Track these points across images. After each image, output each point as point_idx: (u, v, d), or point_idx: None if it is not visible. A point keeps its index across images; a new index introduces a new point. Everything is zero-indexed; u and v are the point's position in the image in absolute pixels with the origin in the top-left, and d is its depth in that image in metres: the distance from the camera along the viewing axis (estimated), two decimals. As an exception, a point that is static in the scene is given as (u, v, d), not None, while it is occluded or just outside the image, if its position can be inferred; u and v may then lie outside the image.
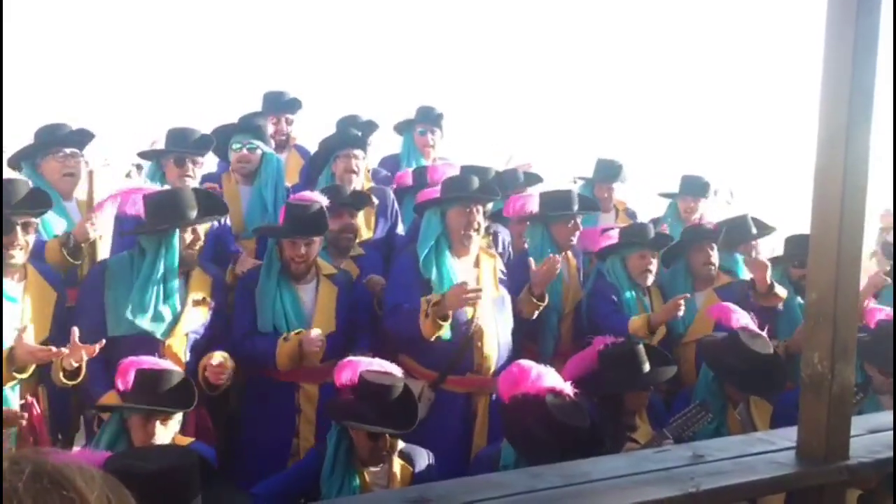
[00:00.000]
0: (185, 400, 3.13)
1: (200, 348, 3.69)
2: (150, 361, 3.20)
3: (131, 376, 3.13)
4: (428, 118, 5.68)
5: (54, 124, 4.21)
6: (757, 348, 3.90)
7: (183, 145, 4.44)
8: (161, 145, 4.57)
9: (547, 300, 4.27)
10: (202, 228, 3.75)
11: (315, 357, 3.77)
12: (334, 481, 3.16)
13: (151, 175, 4.43)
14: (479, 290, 3.83)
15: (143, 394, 3.06)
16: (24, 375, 3.25)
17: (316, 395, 3.88)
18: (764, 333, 4.05)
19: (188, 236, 3.67)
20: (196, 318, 3.70)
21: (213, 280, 3.84)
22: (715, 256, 4.71)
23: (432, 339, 3.84)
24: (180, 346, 3.64)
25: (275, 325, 3.85)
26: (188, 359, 3.63)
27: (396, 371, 3.43)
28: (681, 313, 4.24)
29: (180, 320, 3.64)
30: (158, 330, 3.59)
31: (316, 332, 3.74)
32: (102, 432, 3.07)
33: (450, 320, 3.84)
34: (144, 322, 3.56)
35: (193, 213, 3.64)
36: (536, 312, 4.28)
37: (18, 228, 3.37)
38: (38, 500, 0.73)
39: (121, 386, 3.14)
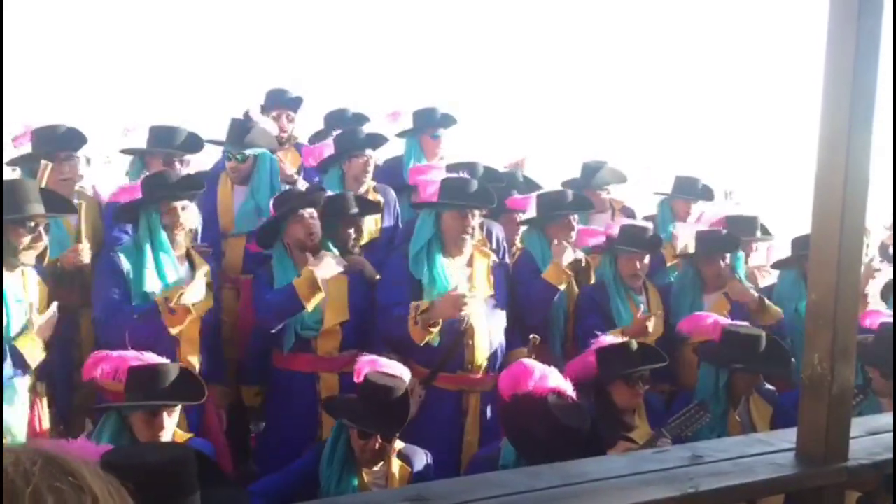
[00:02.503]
0: (189, 393, 3.12)
1: (214, 331, 3.84)
2: (135, 356, 3.19)
3: (109, 368, 3.13)
4: (435, 120, 5.53)
5: (50, 126, 4.21)
6: (750, 332, 3.97)
7: (169, 144, 4.46)
8: (136, 134, 4.59)
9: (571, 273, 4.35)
10: (184, 211, 3.80)
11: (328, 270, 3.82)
12: (332, 475, 3.16)
13: (137, 172, 4.43)
14: (471, 296, 3.88)
15: (142, 390, 3.05)
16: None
17: (337, 385, 3.91)
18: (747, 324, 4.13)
19: (167, 218, 3.75)
20: (202, 292, 3.73)
21: (210, 270, 3.91)
22: (726, 264, 4.69)
23: (421, 344, 3.88)
24: (195, 329, 3.70)
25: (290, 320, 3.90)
26: (203, 342, 3.72)
27: (405, 373, 3.42)
28: (650, 329, 4.24)
29: (189, 285, 3.70)
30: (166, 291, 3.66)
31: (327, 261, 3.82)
32: (101, 431, 3.05)
33: (439, 327, 3.87)
34: (156, 287, 3.66)
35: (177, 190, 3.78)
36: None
37: (42, 230, 3.41)
38: (51, 483, 0.76)
39: (97, 374, 3.16)
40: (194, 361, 3.68)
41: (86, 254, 3.92)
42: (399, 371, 3.39)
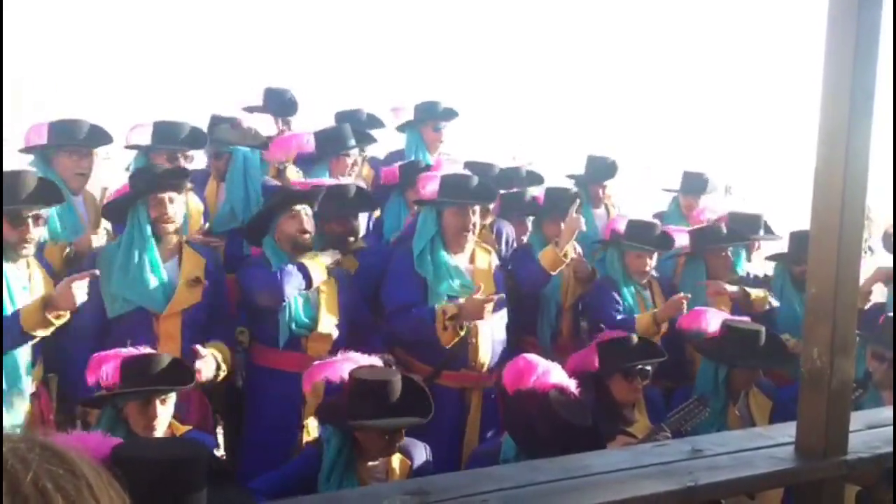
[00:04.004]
0: (179, 379, 3.11)
1: (199, 327, 3.72)
2: (127, 351, 3.19)
3: (110, 369, 3.12)
4: (437, 114, 5.57)
5: (72, 120, 4.23)
6: (750, 327, 4.00)
7: (173, 140, 4.44)
8: (142, 131, 4.58)
9: (569, 259, 4.30)
10: (172, 204, 3.74)
11: None
12: (332, 486, 3.13)
13: (140, 166, 4.43)
14: (502, 296, 3.94)
15: (135, 379, 3.03)
16: (62, 321, 3.25)
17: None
18: (748, 319, 4.16)
19: (154, 211, 3.69)
20: (190, 297, 3.69)
21: (206, 261, 3.85)
22: (729, 256, 4.73)
23: (449, 346, 3.92)
24: (175, 325, 3.64)
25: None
26: (184, 338, 3.62)
27: (378, 363, 3.43)
28: (684, 310, 4.27)
29: (173, 297, 3.66)
30: (153, 303, 3.61)
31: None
32: (98, 426, 3.04)
33: (465, 329, 3.90)
34: (137, 295, 3.60)
35: (156, 184, 3.71)
36: (559, 268, 4.29)
37: (30, 221, 3.39)
38: (49, 469, 0.77)
39: (96, 380, 3.12)
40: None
41: (97, 241, 3.92)
42: (369, 361, 3.40)
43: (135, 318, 3.58)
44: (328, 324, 3.91)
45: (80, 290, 3.20)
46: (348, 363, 3.38)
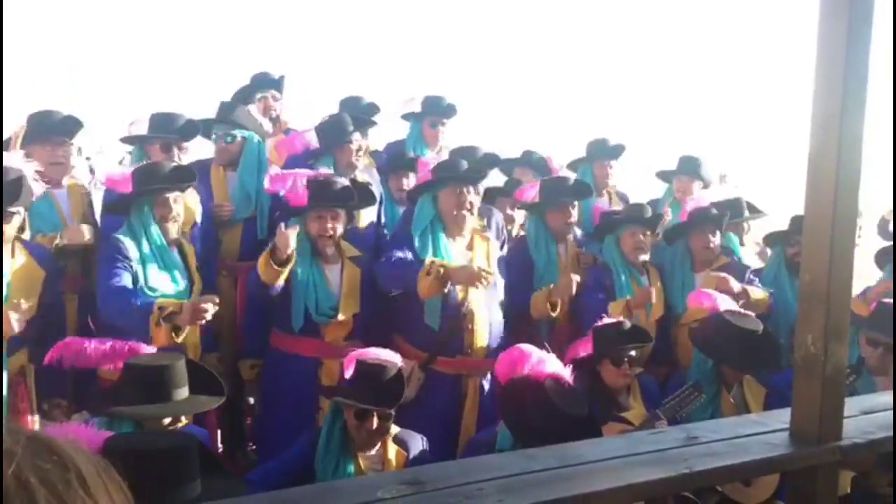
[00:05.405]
0: (212, 391, 3.10)
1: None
2: (127, 347, 3.16)
3: (92, 357, 3.10)
4: (439, 109, 5.60)
5: (45, 111, 4.22)
6: (746, 326, 3.95)
7: (168, 130, 4.44)
8: (140, 126, 4.58)
9: (557, 312, 4.30)
10: (175, 203, 3.80)
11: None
12: (328, 463, 3.17)
13: (137, 159, 4.43)
14: (491, 273, 3.92)
15: (157, 391, 2.94)
16: None
17: (338, 374, 3.90)
18: (751, 313, 4.11)
19: (160, 210, 3.75)
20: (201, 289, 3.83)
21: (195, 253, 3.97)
22: (715, 242, 4.69)
23: (425, 298, 3.90)
24: (194, 333, 3.74)
25: (305, 304, 3.92)
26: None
27: (396, 359, 3.44)
28: (653, 299, 4.31)
29: (193, 291, 3.76)
30: (183, 296, 3.70)
31: None
32: (112, 426, 3.00)
33: (447, 288, 3.90)
34: (172, 291, 3.69)
35: (167, 182, 3.76)
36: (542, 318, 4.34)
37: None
38: (35, 462, 0.75)
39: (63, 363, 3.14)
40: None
41: (87, 232, 3.99)
42: (390, 357, 3.41)
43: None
44: (348, 311, 3.96)
45: (15, 321, 3.25)
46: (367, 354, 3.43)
